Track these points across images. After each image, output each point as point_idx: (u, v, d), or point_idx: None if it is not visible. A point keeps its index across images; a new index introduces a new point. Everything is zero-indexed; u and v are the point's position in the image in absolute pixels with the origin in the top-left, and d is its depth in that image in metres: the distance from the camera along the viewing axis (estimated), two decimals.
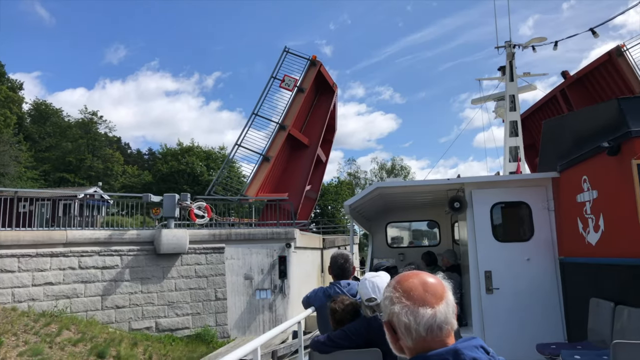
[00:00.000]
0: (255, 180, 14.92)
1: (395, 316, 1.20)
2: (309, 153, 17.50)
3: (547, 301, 5.66)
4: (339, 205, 40.99)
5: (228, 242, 13.60)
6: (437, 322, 1.17)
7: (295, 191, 19.01)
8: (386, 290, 1.27)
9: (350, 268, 4.04)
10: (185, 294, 12.73)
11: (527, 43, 11.46)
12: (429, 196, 7.23)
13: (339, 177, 44.35)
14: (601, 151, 4.64)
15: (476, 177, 7.04)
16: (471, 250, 6.01)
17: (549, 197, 5.97)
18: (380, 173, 50.04)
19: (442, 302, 1.19)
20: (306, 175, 17.25)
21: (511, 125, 11.72)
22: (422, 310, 1.17)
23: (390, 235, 8.76)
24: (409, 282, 1.22)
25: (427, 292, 1.20)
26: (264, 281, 13.75)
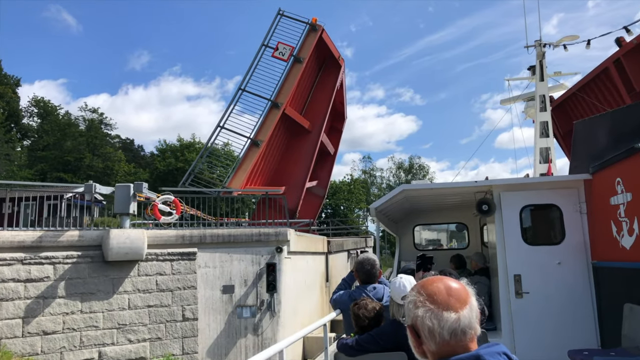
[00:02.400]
0: (240, 170, 11.45)
1: (419, 320, 1.25)
2: (311, 140, 13.99)
3: (580, 306, 5.67)
4: (352, 205, 37.61)
5: (202, 245, 11.42)
6: (460, 326, 1.22)
7: (294, 185, 15.77)
8: (410, 294, 1.31)
9: (376, 273, 4.20)
10: (143, 313, 10.56)
11: (559, 42, 11.89)
12: (457, 198, 7.35)
13: (351, 174, 40.65)
14: (636, 152, 4.71)
15: (505, 179, 7.25)
16: (500, 253, 6.10)
17: (581, 199, 6.03)
18: (398, 172, 49.59)
19: (466, 306, 1.24)
20: (307, 166, 13.70)
21: (542, 125, 12.09)
22: (446, 314, 1.22)
23: (417, 238, 9.03)
24: (433, 287, 1.27)
25: (451, 296, 1.25)
26: (247, 295, 11.57)
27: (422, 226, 9.41)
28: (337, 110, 20.95)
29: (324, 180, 23.36)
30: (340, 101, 19.96)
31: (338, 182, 42.76)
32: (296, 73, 13.80)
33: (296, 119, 14.86)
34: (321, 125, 15.58)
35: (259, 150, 12.78)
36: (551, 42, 11.71)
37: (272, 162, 15.10)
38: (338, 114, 21.43)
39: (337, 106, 20.30)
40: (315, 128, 15.59)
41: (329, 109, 15.81)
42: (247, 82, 13.27)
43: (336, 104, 20.00)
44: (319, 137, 15.49)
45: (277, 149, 15.04)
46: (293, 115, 14.53)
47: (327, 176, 23.27)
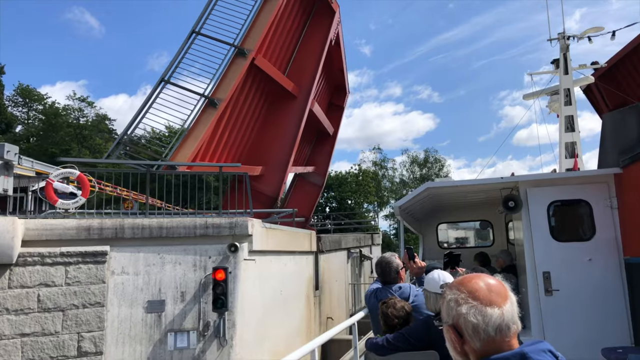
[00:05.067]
0: (190, 138, 6.91)
1: (462, 317, 1.28)
2: (297, 107, 9.77)
3: (612, 303, 5.98)
4: (360, 199, 33.89)
5: (117, 242, 8.13)
6: (505, 321, 1.26)
7: (275, 165, 15.20)
8: (449, 292, 1.35)
9: (394, 274, 4.30)
10: (12, 346, 7.23)
11: (583, 33, 11.68)
12: (481, 195, 7.71)
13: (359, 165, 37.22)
14: None
15: (532, 174, 7.53)
16: (527, 250, 6.33)
17: (612, 194, 6.28)
18: (412, 166, 47.70)
19: (508, 301, 1.30)
20: (291, 141, 9.51)
21: (567, 120, 11.62)
22: (490, 310, 1.26)
23: (441, 236, 9.17)
24: (472, 283, 1.33)
25: (492, 292, 1.30)
26: (184, 315, 8.27)
27: (446, 224, 9.75)
28: (336, 83, 18.88)
29: (322, 166, 20.45)
30: (339, 68, 16.09)
31: (345, 172, 38.79)
32: (270, 10, 9.90)
33: (274, 75, 11.47)
34: (309, 89, 11.97)
35: (216, 113, 8.94)
36: (575, 34, 11.94)
37: (243, 133, 11.29)
38: (338, 87, 19.33)
39: (336, 76, 18.28)
40: (302, 93, 12.06)
41: (319, 68, 12.28)
42: (204, 23, 9.36)
43: (334, 73, 18.06)
44: (307, 103, 11.98)
45: (249, 116, 11.22)
46: (268, 70, 10.92)
47: (325, 161, 21.67)
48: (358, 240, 17.57)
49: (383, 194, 45.97)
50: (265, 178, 13.21)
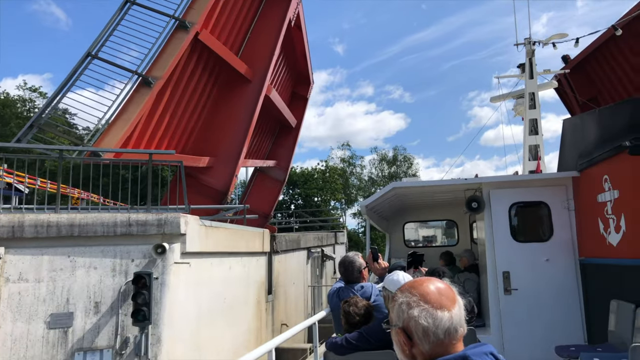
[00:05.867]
0: (119, 121, 5.12)
1: (413, 320, 1.31)
2: (251, 92, 7.96)
3: (567, 302, 6.29)
4: (327, 196, 32.93)
5: (14, 242, 6.89)
6: (453, 324, 1.31)
7: (225, 156, 12.34)
8: (400, 296, 1.38)
9: (356, 273, 4.38)
10: None
11: (548, 39, 12.10)
12: (447, 196, 7.92)
13: (327, 161, 36.22)
14: (623, 150, 5.16)
15: (494, 176, 7.81)
16: (489, 250, 6.53)
17: (569, 196, 6.59)
18: (381, 164, 47.06)
19: (456, 305, 1.35)
20: (244, 130, 7.76)
21: (531, 123, 12.04)
22: (440, 313, 1.30)
23: (407, 235, 9.39)
24: (423, 287, 1.37)
25: (442, 295, 1.35)
26: (97, 331, 7.01)
27: (413, 223, 9.79)
28: (299, 71, 17.72)
29: (284, 161, 19.55)
30: (302, 55, 14.97)
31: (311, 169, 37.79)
32: None
33: (223, 55, 10.83)
34: (265, 73, 10.81)
35: (151, 93, 7.60)
36: (541, 40, 12.38)
37: (188, 119, 10.01)
38: (301, 76, 18.17)
39: (299, 64, 17.13)
40: (257, 77, 10.78)
41: (276, 50, 11.20)
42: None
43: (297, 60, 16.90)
44: (262, 88, 10.54)
45: (194, 100, 9.98)
46: (216, 48, 9.82)
47: (288, 155, 19.59)
48: (320, 239, 16.59)
49: (351, 191, 45.58)
50: (214, 170, 12.02)
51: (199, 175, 12.33)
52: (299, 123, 19.38)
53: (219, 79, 12.19)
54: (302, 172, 40.47)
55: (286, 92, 18.24)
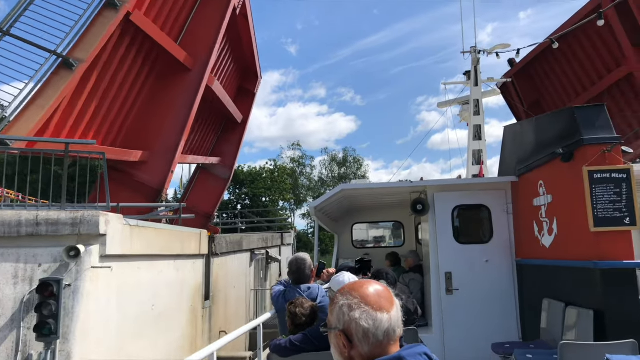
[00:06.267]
0: (33, 107, 3.86)
1: (354, 322, 1.35)
2: (191, 82, 6.65)
3: (504, 302, 6.57)
4: (275, 196, 32.39)
5: None
6: (392, 326, 1.36)
7: (161, 149, 11.65)
8: (341, 298, 1.41)
9: (308, 271, 4.45)
10: None
11: (492, 49, 12.68)
12: (394, 198, 8.15)
13: (276, 160, 35.66)
14: (556, 157, 5.47)
15: (439, 180, 8.61)
16: (432, 251, 6.78)
17: (508, 200, 6.91)
18: (331, 165, 47.77)
19: (394, 307, 1.40)
20: (183, 122, 6.76)
21: (475, 128, 12.56)
22: (380, 315, 1.35)
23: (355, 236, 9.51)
24: (363, 289, 1.41)
25: (381, 297, 1.39)
26: None
27: (361, 224, 9.94)
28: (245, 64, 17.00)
29: (229, 158, 18.55)
30: (248, 47, 14.13)
31: (259, 168, 37.08)
32: None
33: (159, 39, 11.00)
34: (206, 62, 9.94)
35: (73, 77, 6.58)
36: (485, 49, 12.96)
37: (118, 108, 9.21)
38: (248, 69, 17.46)
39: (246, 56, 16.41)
40: (198, 65, 10.02)
41: (218, 37, 10.66)
42: None
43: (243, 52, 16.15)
44: (204, 78, 9.80)
45: (126, 87, 9.13)
46: (150, 31, 9.16)
47: (233, 153, 18.68)
48: (265, 241, 15.96)
49: (300, 192, 45.24)
50: (148, 166, 11.15)
51: (131, 171, 11.33)
52: (246, 118, 18.66)
53: (155, 66, 11.33)
54: (250, 171, 40.00)
55: (232, 85, 17.51)
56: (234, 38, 15.10)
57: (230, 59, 15.95)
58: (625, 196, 4.71)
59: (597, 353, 3.90)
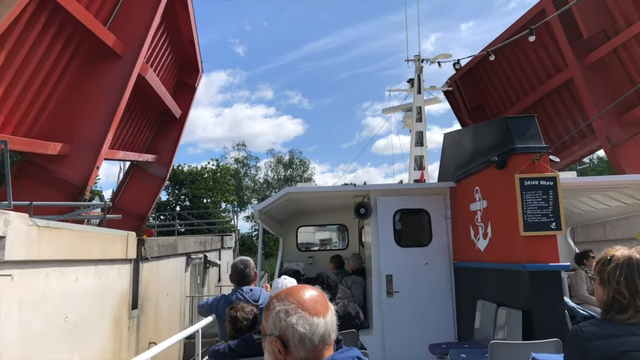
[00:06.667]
0: None
1: (291, 327, 1.35)
2: (121, 70, 5.58)
3: (442, 303, 6.78)
4: (218, 197, 31.28)
5: None
6: (327, 330, 1.37)
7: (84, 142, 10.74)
8: (277, 304, 1.41)
9: (251, 273, 4.51)
10: None
11: (434, 59, 13.20)
12: (339, 201, 8.26)
13: (218, 160, 34.46)
14: (491, 164, 5.65)
15: (381, 184, 8.82)
16: (374, 254, 6.91)
17: (447, 205, 7.13)
18: (277, 167, 46.75)
19: (329, 311, 1.42)
20: (110, 113, 5.33)
21: (417, 135, 13.03)
22: (316, 319, 1.36)
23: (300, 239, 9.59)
24: (300, 294, 1.42)
25: (317, 302, 1.41)
26: None
27: (306, 227, 9.96)
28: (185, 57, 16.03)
29: (166, 156, 17.52)
30: (188, 38, 13.39)
31: (200, 168, 35.65)
32: None
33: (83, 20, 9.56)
34: (139, 49, 9.02)
35: None
36: (428, 58, 13.38)
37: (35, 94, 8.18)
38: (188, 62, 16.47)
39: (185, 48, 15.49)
40: (130, 52, 9.19)
41: (152, 23, 9.63)
42: None
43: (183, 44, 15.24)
44: (135, 65, 8.78)
45: (44, 71, 8.11)
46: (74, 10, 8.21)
47: (171, 150, 17.69)
48: (203, 244, 15.14)
49: (244, 193, 44.02)
50: (69, 160, 10.15)
51: (49, 166, 10.20)
52: (185, 114, 17.66)
53: (79, 50, 10.10)
54: (190, 171, 38.23)
55: (170, 78, 16.54)
56: (172, 28, 14.29)
57: (169, 50, 15.01)
58: (552, 202, 4.95)
59: (524, 352, 4.03)
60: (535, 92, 14.58)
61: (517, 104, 15.35)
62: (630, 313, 2.05)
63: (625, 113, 12.14)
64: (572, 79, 12.93)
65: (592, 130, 12.97)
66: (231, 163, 44.17)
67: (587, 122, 11.55)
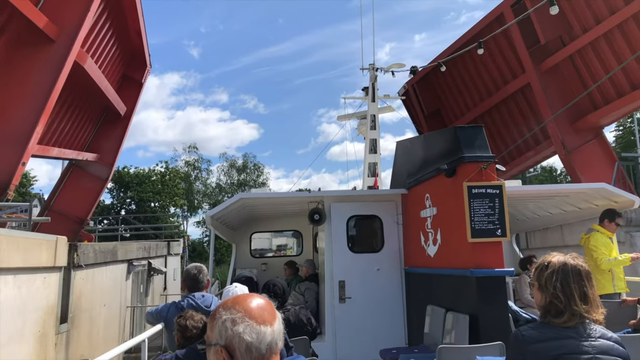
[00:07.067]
0: None
1: (238, 337, 1.33)
2: (54, 55, 4.52)
3: (393, 309, 6.81)
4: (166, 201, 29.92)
5: None
6: (274, 339, 1.37)
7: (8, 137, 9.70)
8: (223, 313, 1.38)
9: (204, 279, 4.47)
10: None
11: (388, 68, 13.32)
12: (293, 207, 8.20)
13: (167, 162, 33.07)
14: (441, 172, 5.72)
15: (335, 190, 9.05)
16: (327, 260, 6.90)
17: (399, 211, 7.20)
18: (230, 171, 45.35)
19: (276, 320, 1.42)
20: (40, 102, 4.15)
21: (371, 142, 13.10)
22: (264, 328, 1.35)
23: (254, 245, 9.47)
24: (247, 303, 1.41)
25: (265, 310, 1.40)
26: None
27: (260, 233, 9.82)
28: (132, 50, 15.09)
29: (108, 156, 16.33)
30: (135, 29, 12.44)
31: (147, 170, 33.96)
32: None
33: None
34: (75, 33, 7.99)
35: None
36: (383, 67, 13.51)
37: None
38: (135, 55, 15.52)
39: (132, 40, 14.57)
40: (64, 37, 8.08)
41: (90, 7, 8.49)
42: None
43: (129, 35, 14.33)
44: (70, 52, 7.96)
45: None
46: None
47: (114, 150, 16.53)
48: (147, 250, 14.12)
49: (195, 197, 42.39)
50: None
51: None
52: (131, 111, 16.56)
53: (5, 31, 9.12)
54: (137, 173, 35.86)
55: (115, 71, 15.44)
56: (116, 15, 13.29)
57: (112, 40, 13.93)
58: (497, 210, 5.10)
59: (470, 355, 4.15)
60: (492, 98, 14.78)
61: (473, 110, 15.55)
62: (566, 317, 2.14)
63: (580, 119, 12.45)
64: (528, 85, 13.17)
65: (547, 136, 13.29)
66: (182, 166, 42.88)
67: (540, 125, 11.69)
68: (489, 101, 14.84)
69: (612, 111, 11.85)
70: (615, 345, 2.13)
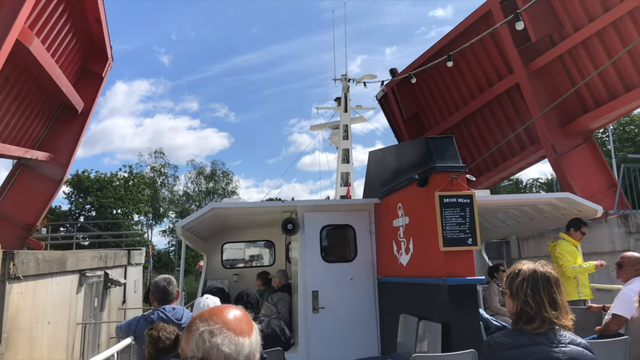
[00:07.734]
0: None
1: (216, 348, 1.32)
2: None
3: (366, 318, 6.85)
4: (130, 208, 28.61)
5: None
6: (252, 350, 1.37)
7: None
8: (201, 325, 1.37)
9: (174, 291, 4.42)
10: None
11: (360, 79, 13.40)
12: (266, 217, 8.22)
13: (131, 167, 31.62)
14: (413, 182, 5.82)
15: (309, 200, 9.90)
16: (300, 270, 6.90)
17: (372, 221, 7.26)
18: (198, 179, 44.39)
19: (254, 330, 1.42)
20: None
21: (344, 152, 13.02)
22: (242, 339, 1.35)
23: (226, 256, 9.37)
24: (224, 314, 1.41)
25: (242, 322, 1.40)
26: None
27: (232, 244, 9.79)
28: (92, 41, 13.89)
29: (63, 156, 14.90)
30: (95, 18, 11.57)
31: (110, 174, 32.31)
32: None
33: None
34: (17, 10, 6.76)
35: None
36: (355, 78, 13.41)
37: None
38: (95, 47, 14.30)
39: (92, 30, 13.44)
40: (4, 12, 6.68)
41: None
42: None
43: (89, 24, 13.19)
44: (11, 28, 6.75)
45: None
46: None
47: (69, 149, 15.08)
48: (103, 259, 12.98)
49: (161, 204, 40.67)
50: None
51: None
52: (89, 107, 15.28)
53: None
54: (97, 178, 34.07)
55: (71, 62, 14.15)
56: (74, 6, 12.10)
57: (68, 26, 12.55)
58: (468, 219, 5.22)
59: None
60: (475, 101, 14.01)
61: (455, 114, 14.73)
62: (537, 323, 2.20)
63: (570, 123, 11.96)
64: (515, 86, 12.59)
65: (533, 140, 12.76)
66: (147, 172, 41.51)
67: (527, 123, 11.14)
68: (472, 105, 14.04)
69: (603, 114, 11.30)
70: (585, 351, 2.20)
